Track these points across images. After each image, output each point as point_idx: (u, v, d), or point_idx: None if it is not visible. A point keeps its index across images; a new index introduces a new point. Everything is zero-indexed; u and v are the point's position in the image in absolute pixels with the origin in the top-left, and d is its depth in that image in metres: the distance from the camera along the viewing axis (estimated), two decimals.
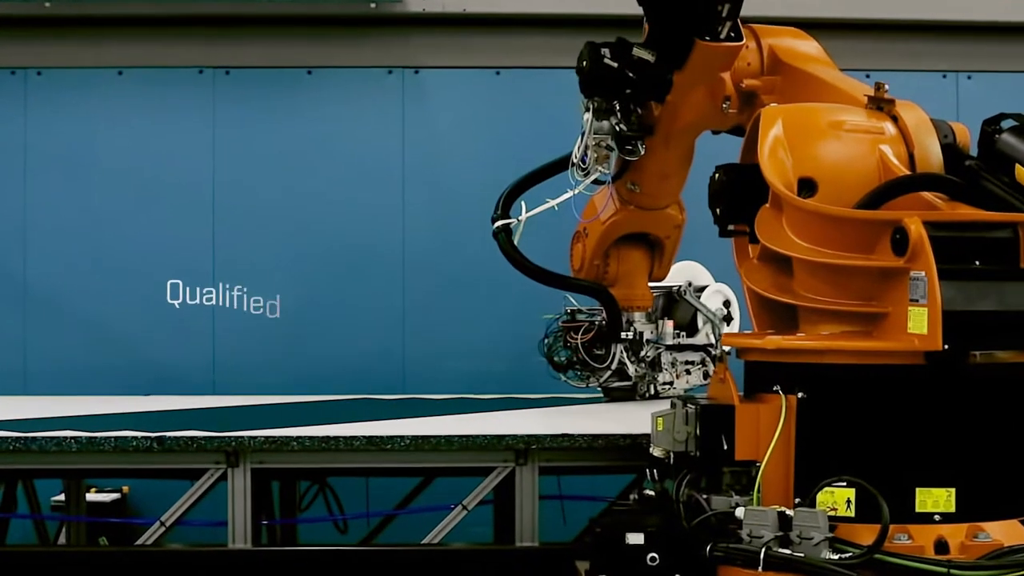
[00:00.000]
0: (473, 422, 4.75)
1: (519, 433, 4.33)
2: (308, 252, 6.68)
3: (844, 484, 3.43)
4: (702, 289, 5.44)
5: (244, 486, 4.35)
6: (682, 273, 5.44)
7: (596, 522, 3.91)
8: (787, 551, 3.36)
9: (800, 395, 3.52)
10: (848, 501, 3.44)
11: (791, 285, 3.71)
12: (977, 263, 3.42)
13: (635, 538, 3.72)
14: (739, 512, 3.51)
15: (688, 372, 5.33)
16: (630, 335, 5.17)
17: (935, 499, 3.45)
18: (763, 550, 3.35)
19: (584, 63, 4.35)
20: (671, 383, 5.31)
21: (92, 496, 6.27)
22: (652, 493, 3.97)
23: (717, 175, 3.90)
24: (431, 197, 6.71)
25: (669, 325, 5.25)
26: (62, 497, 5.89)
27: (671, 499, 3.79)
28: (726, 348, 3.95)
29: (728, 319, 5.41)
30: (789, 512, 3.42)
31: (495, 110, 6.74)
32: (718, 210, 3.88)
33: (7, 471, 4.85)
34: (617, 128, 4.38)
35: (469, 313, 6.65)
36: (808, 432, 3.53)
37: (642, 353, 5.24)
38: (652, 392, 5.28)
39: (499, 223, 4.85)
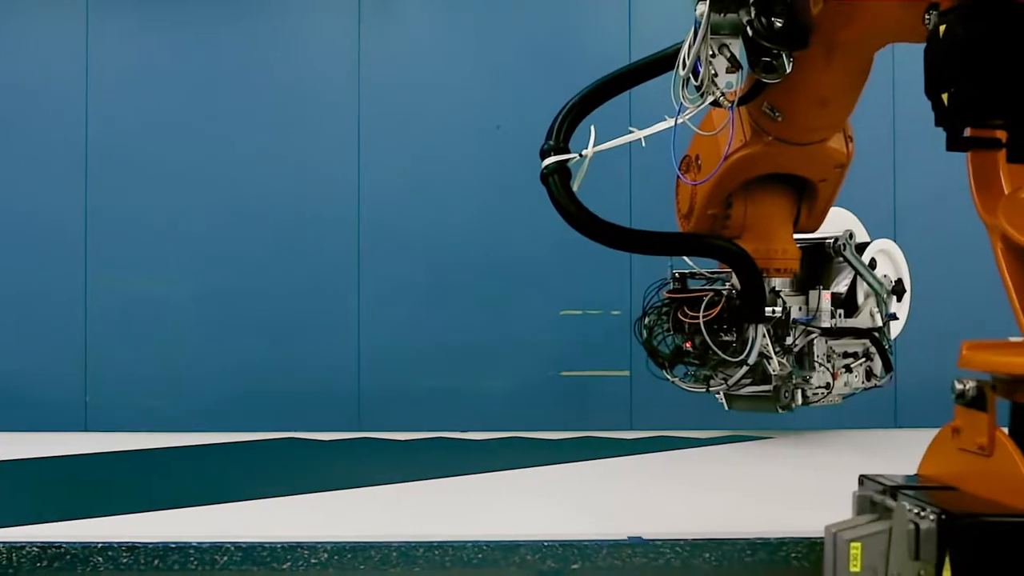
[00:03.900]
0: (455, 498, 3.22)
1: (544, 539, 2.55)
2: (224, 222, 5.56)
3: None
4: (862, 248, 4.38)
5: None
6: (833, 224, 4.30)
7: None
8: None
9: None
10: None
11: None
12: None
13: None
14: None
15: (848, 369, 4.26)
16: (777, 311, 4.01)
17: None
18: None
19: None
20: (827, 386, 4.25)
21: None
22: None
23: (944, 26, 2.53)
24: (396, 149, 5.68)
25: (826, 298, 4.15)
26: None
27: None
28: (984, 375, 2.30)
29: (898, 292, 4.44)
30: None
31: (484, 29, 5.72)
32: (945, 96, 2.52)
33: None
34: (749, 31, 3.36)
35: (451, 309, 5.56)
36: None
37: (788, 340, 4.10)
38: (799, 400, 4.24)
39: (552, 159, 3.60)
